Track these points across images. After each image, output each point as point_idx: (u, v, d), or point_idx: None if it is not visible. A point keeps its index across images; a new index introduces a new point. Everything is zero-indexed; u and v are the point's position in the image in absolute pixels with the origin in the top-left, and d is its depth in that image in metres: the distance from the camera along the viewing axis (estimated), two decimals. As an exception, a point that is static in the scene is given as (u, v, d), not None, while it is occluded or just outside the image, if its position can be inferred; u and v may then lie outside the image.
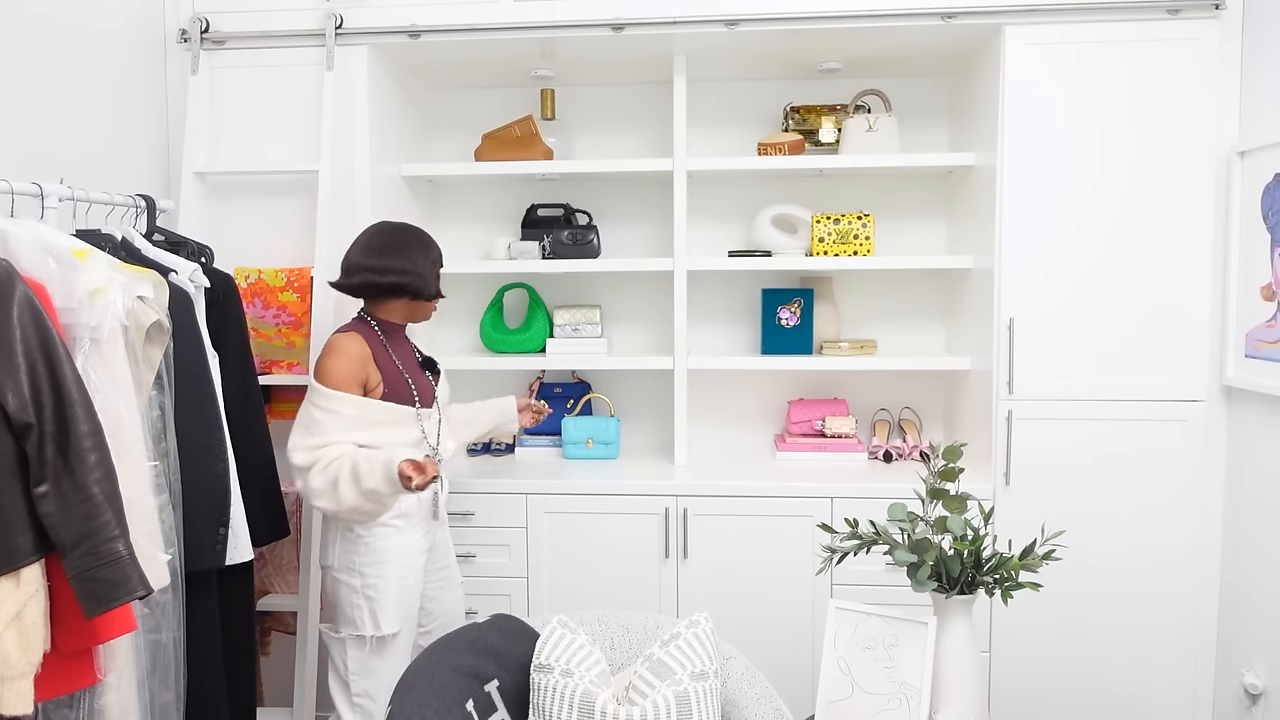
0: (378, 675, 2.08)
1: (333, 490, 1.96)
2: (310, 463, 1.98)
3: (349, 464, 1.96)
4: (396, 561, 2.08)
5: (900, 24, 2.48)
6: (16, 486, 1.52)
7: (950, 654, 1.76)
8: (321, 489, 1.97)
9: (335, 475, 1.96)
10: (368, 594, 2.06)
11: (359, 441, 2.02)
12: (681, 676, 1.71)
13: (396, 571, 2.08)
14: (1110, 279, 2.49)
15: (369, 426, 2.03)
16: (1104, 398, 2.51)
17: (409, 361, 2.19)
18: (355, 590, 2.06)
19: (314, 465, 1.98)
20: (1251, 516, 2.43)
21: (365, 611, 2.06)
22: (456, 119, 3.17)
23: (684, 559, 2.62)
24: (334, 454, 1.98)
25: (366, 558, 2.06)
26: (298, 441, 2.01)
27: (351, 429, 2.01)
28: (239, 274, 2.55)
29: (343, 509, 1.97)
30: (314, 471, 1.97)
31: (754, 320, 3.13)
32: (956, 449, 1.84)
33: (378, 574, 2.06)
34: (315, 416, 2.01)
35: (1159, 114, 2.45)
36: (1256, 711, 2.39)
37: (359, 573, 2.06)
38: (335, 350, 2.04)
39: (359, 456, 1.97)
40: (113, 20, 2.47)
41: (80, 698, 1.67)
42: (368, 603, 2.06)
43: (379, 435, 2.05)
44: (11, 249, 1.64)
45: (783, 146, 2.84)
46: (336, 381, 2.02)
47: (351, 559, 2.07)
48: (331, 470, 1.96)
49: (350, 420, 2.01)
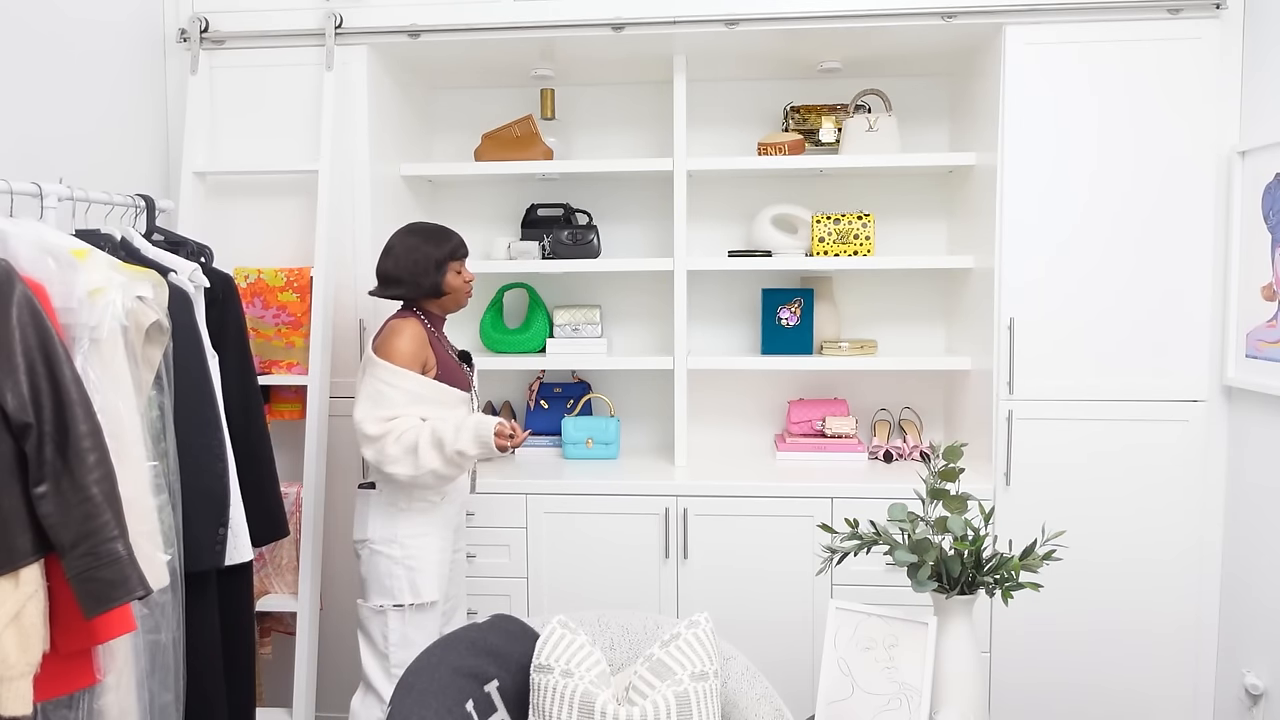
0: (415, 647, 2.18)
1: (410, 456, 2.08)
2: (383, 432, 2.09)
3: (428, 431, 2.09)
4: (435, 533, 2.21)
5: (900, 24, 2.48)
6: (16, 487, 1.52)
7: (950, 654, 1.76)
8: (398, 455, 2.08)
9: (413, 442, 2.08)
10: (408, 564, 2.16)
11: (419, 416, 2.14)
12: (681, 677, 1.71)
13: (436, 543, 2.20)
14: (1110, 278, 2.49)
15: (428, 404, 2.15)
16: (1104, 398, 2.51)
17: (450, 351, 2.31)
18: (396, 561, 2.16)
19: (387, 434, 2.09)
20: (1252, 517, 2.43)
21: (405, 581, 2.16)
22: (456, 119, 3.17)
23: (684, 559, 2.62)
24: (406, 424, 2.10)
25: (409, 529, 2.17)
26: (367, 413, 2.11)
27: (413, 404, 2.13)
28: (239, 274, 2.55)
29: (421, 473, 2.08)
30: (388, 440, 2.08)
31: (754, 320, 3.12)
32: (957, 449, 1.84)
33: (419, 545, 2.18)
34: (382, 390, 2.11)
35: (1159, 114, 2.45)
36: (1257, 712, 2.39)
37: (400, 544, 2.17)
38: (399, 331, 2.15)
39: (437, 425, 2.10)
40: (112, 20, 2.47)
41: (80, 698, 1.67)
42: (408, 573, 2.16)
43: (435, 413, 2.16)
44: (11, 249, 1.64)
45: (783, 146, 2.84)
46: (402, 359, 2.13)
47: (395, 531, 2.17)
48: (408, 438, 2.08)
49: (413, 396, 2.13)
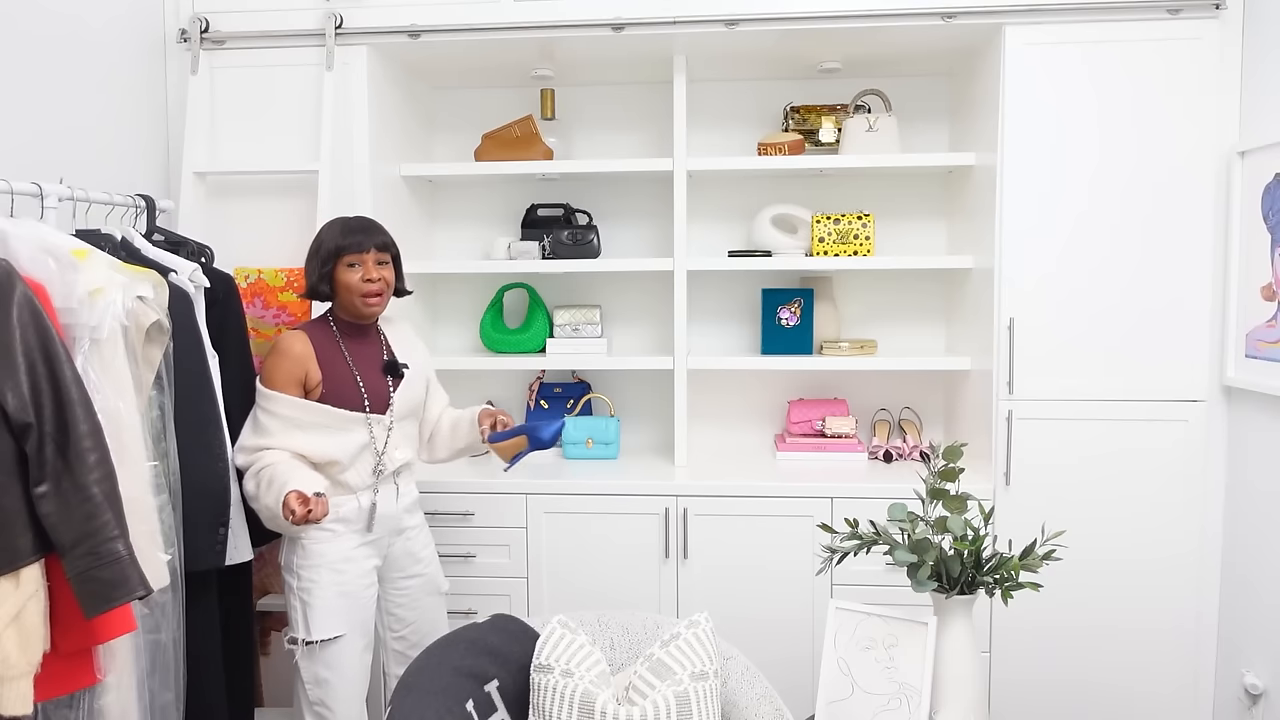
0: (328, 685, 2.04)
1: (256, 496, 1.97)
2: (246, 464, 2.00)
3: (269, 473, 1.94)
4: (329, 567, 2.04)
5: (900, 24, 2.48)
6: (16, 487, 1.52)
7: (950, 654, 1.76)
8: (252, 493, 1.98)
9: (259, 480, 1.96)
10: (302, 597, 2.03)
11: (299, 444, 1.99)
12: (681, 676, 1.71)
13: (330, 577, 2.04)
14: (1110, 278, 2.49)
15: (308, 430, 2.00)
16: (1104, 398, 2.51)
17: (367, 363, 2.12)
18: (293, 591, 2.05)
19: (249, 466, 1.99)
20: (1252, 517, 2.43)
21: (300, 614, 2.04)
22: (456, 119, 3.17)
23: (684, 559, 2.62)
24: (268, 459, 1.97)
25: (302, 560, 2.04)
26: (240, 442, 2.01)
27: (290, 430, 1.99)
28: (239, 274, 2.55)
29: (264, 517, 1.98)
30: (248, 475, 1.99)
31: (754, 320, 3.13)
32: (956, 449, 1.84)
33: (311, 578, 2.03)
34: (257, 416, 2.01)
35: (1159, 114, 2.45)
36: (1257, 712, 2.39)
37: (296, 574, 2.05)
38: (275, 348, 2.03)
39: (279, 469, 1.94)
40: (112, 20, 2.47)
41: (80, 698, 1.67)
42: (302, 605, 2.03)
43: (320, 439, 2.01)
44: (11, 249, 1.64)
45: (783, 146, 2.84)
46: (275, 381, 2.01)
47: (291, 560, 2.06)
48: (262, 475, 1.96)
49: (288, 421, 1.99)
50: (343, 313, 2.11)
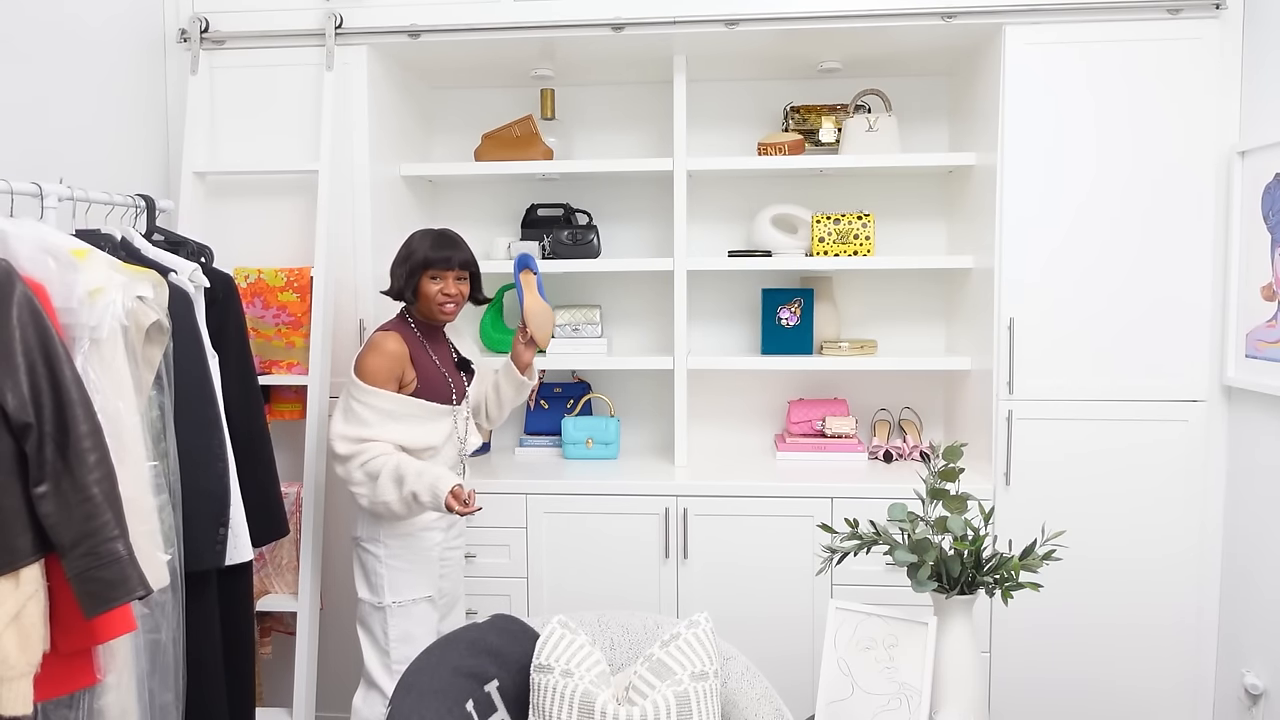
0: (416, 642, 2.19)
1: (370, 483, 2.09)
2: (351, 453, 2.10)
3: (393, 464, 2.08)
4: (418, 533, 2.21)
5: (900, 24, 2.48)
6: (16, 487, 1.52)
7: (950, 654, 1.76)
8: (360, 479, 2.10)
9: (377, 470, 2.08)
10: (390, 563, 2.18)
11: (397, 435, 2.13)
12: (681, 677, 1.71)
13: (417, 543, 2.21)
14: (1110, 278, 2.49)
15: (402, 420, 2.15)
16: (1104, 398, 2.51)
17: (446, 359, 2.29)
18: (380, 560, 2.19)
19: (355, 456, 2.09)
20: (1252, 517, 2.43)
21: (387, 580, 2.18)
22: (456, 119, 3.17)
23: (684, 559, 2.62)
24: (377, 450, 2.10)
25: (390, 529, 2.18)
26: (338, 430, 2.12)
27: (385, 422, 2.12)
28: (239, 274, 2.55)
29: (377, 501, 2.09)
30: (354, 463, 2.10)
31: (754, 320, 3.12)
32: (956, 449, 1.84)
33: (401, 544, 2.19)
34: (354, 408, 2.12)
35: (1159, 114, 2.45)
36: (1257, 712, 2.39)
37: (383, 543, 2.18)
38: (374, 348, 2.15)
39: (404, 462, 2.09)
40: (112, 20, 2.47)
41: (80, 698, 1.67)
42: (389, 571, 2.18)
43: (412, 429, 2.16)
44: (11, 249, 1.64)
45: (783, 146, 2.84)
46: (373, 378, 2.12)
47: (377, 530, 2.18)
48: (374, 465, 2.08)
49: (384, 414, 2.12)
50: (420, 315, 2.25)
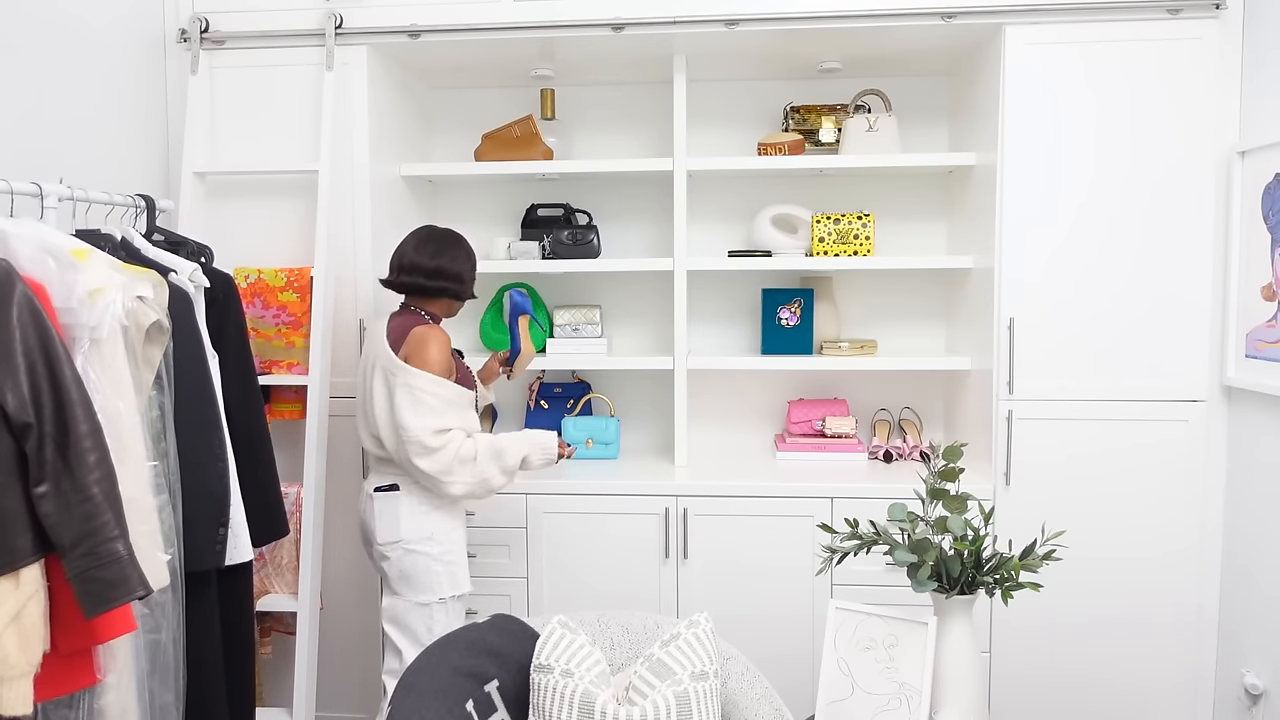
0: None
1: (470, 466, 2.19)
2: (442, 444, 2.17)
3: (485, 443, 2.21)
4: (460, 527, 2.30)
5: (900, 24, 2.48)
6: (16, 487, 1.52)
7: (950, 654, 1.75)
8: (457, 467, 2.18)
9: (471, 454, 2.19)
10: (446, 559, 2.25)
11: (459, 421, 2.21)
12: (681, 677, 1.71)
13: (462, 536, 2.30)
14: (1110, 278, 2.49)
15: (460, 409, 2.23)
16: (1104, 398, 2.51)
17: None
18: (434, 558, 2.24)
19: (445, 447, 2.17)
20: (1252, 517, 2.43)
21: (445, 576, 2.24)
22: (456, 119, 3.17)
23: (684, 559, 2.62)
24: (460, 437, 2.20)
25: (443, 526, 2.25)
26: (420, 424, 2.16)
27: (449, 410, 2.20)
28: (239, 274, 2.55)
29: (476, 482, 2.20)
30: (447, 452, 2.17)
31: (754, 320, 3.12)
32: (956, 449, 1.84)
33: (453, 540, 2.27)
34: (426, 401, 2.18)
35: (1159, 114, 2.45)
36: (1257, 712, 2.39)
37: (437, 541, 2.24)
38: (433, 341, 2.22)
39: (492, 439, 2.23)
40: (112, 20, 2.47)
41: (80, 698, 1.67)
42: (447, 567, 2.24)
43: (466, 415, 2.24)
44: (11, 249, 1.64)
45: (783, 146, 2.84)
46: (438, 369, 2.20)
47: (430, 529, 2.24)
48: (465, 450, 2.18)
49: (449, 403, 2.20)
50: (444, 312, 2.35)
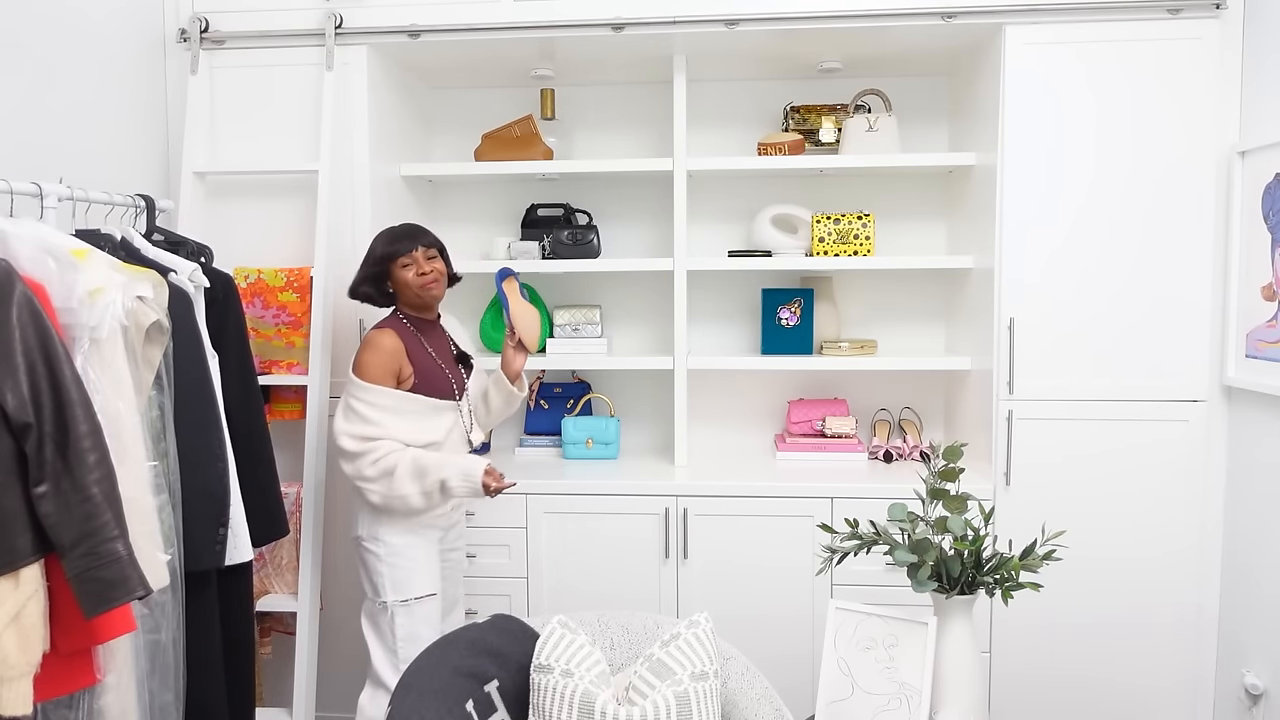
0: (420, 642, 2.19)
1: (385, 480, 2.11)
2: (361, 450, 2.11)
3: (409, 459, 2.11)
4: (419, 533, 2.21)
5: (900, 24, 2.48)
6: (16, 487, 1.52)
7: (950, 654, 1.75)
8: (373, 476, 2.11)
9: (391, 467, 2.10)
10: (391, 561, 2.18)
11: (400, 431, 2.14)
12: (681, 677, 1.71)
13: (417, 541, 2.21)
14: (1110, 278, 2.49)
15: (404, 416, 2.16)
16: (1104, 398, 2.51)
17: (444, 354, 2.29)
18: (380, 559, 2.19)
19: (365, 453, 2.11)
20: (1252, 517, 2.43)
21: (388, 579, 2.19)
22: (456, 119, 3.16)
23: (684, 559, 2.62)
24: (388, 447, 2.12)
25: (390, 528, 2.19)
26: (343, 428, 2.13)
27: (389, 418, 2.14)
28: (239, 274, 2.54)
29: (393, 496, 2.11)
30: (365, 460, 2.11)
31: (754, 320, 3.12)
32: (957, 449, 1.84)
33: (401, 543, 2.19)
34: (355, 407, 2.13)
35: (1159, 114, 2.45)
36: (1257, 712, 2.39)
37: (383, 542, 2.18)
38: (370, 345, 2.16)
39: (421, 455, 2.12)
40: (112, 20, 2.47)
41: (80, 698, 1.67)
42: (390, 570, 2.18)
43: (414, 425, 2.17)
44: (11, 249, 1.64)
45: (783, 146, 2.84)
46: (371, 375, 2.14)
47: (378, 530, 2.19)
48: (387, 462, 2.10)
49: (386, 410, 2.14)
50: (410, 309, 2.27)
